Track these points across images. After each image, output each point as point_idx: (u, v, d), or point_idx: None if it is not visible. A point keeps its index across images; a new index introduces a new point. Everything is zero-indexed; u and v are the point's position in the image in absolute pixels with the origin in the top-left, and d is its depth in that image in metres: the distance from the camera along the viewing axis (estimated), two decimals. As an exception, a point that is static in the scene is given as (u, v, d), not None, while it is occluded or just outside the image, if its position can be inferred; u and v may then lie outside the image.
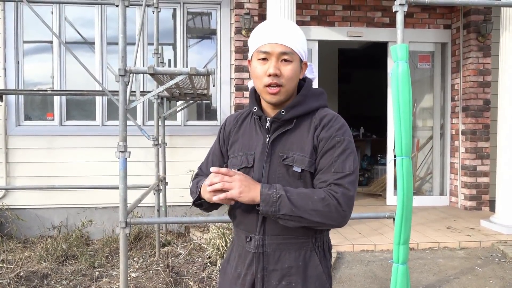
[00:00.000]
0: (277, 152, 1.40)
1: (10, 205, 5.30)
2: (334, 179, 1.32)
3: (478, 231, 4.67)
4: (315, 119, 1.41)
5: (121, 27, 2.83)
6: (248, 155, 1.45)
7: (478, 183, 5.79)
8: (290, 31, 1.39)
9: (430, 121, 6.50)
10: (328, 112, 1.43)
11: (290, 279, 1.39)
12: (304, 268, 1.40)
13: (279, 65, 1.36)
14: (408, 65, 2.80)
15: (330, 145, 1.36)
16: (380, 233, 4.58)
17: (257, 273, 1.41)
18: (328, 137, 1.37)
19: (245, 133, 1.51)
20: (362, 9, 5.96)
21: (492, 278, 3.58)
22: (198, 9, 5.79)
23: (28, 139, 5.35)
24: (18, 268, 4.05)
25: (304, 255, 1.40)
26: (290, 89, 1.40)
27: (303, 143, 1.39)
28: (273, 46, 1.36)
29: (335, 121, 1.39)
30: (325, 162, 1.35)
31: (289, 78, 1.37)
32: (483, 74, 5.78)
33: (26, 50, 5.51)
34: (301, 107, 1.41)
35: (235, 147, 1.51)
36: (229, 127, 1.56)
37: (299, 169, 1.36)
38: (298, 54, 1.39)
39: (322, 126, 1.38)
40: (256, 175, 1.40)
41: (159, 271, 4.01)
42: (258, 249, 1.41)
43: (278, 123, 1.41)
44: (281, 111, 1.40)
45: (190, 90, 4.57)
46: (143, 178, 5.07)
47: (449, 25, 6.18)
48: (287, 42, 1.37)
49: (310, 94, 1.45)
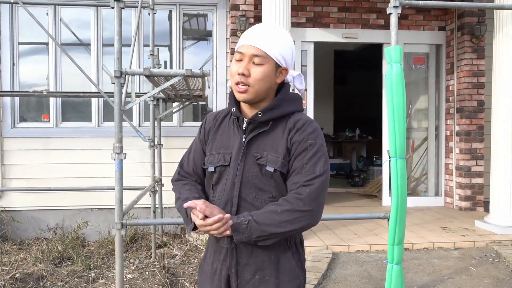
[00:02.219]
0: (252, 152, 1.47)
1: (5, 207, 5.28)
2: (304, 181, 1.40)
3: (472, 232, 4.70)
4: (290, 122, 1.47)
5: (116, 28, 2.84)
6: (225, 154, 1.51)
7: (472, 183, 5.82)
8: (269, 36, 1.44)
9: (425, 122, 6.54)
10: (302, 117, 1.49)
11: (263, 272, 1.45)
12: (276, 261, 1.46)
13: (250, 66, 1.43)
14: (402, 67, 2.83)
15: (302, 148, 1.43)
16: (376, 233, 4.60)
17: (231, 268, 1.48)
18: (300, 140, 1.43)
19: (223, 132, 1.56)
20: (357, 11, 5.99)
21: (486, 277, 3.61)
22: (194, 11, 5.81)
23: (23, 140, 5.34)
24: (13, 270, 4.04)
25: (278, 250, 1.46)
26: (260, 90, 1.45)
27: (277, 145, 1.45)
28: (247, 47, 1.43)
29: (308, 125, 1.46)
30: (297, 164, 1.42)
31: (257, 79, 1.43)
32: (477, 75, 5.82)
33: (22, 51, 5.50)
34: (277, 110, 1.48)
35: (212, 145, 1.57)
36: (209, 125, 1.61)
37: (271, 168, 1.43)
38: (273, 58, 1.44)
39: (296, 130, 1.45)
40: (231, 173, 1.47)
41: (155, 272, 4.01)
42: (231, 245, 1.46)
43: (254, 124, 1.48)
44: (258, 113, 1.47)
45: (186, 92, 4.58)
46: (139, 179, 5.06)
47: (443, 27, 6.22)
48: (261, 46, 1.42)
49: (287, 99, 1.51)
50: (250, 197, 1.45)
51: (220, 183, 1.51)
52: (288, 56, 1.47)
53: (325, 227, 4.80)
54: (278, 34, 1.46)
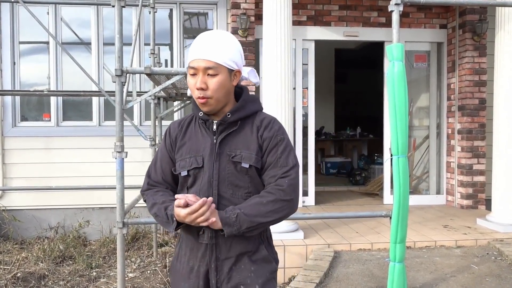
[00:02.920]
0: (225, 151, 1.55)
1: (6, 206, 5.29)
2: (281, 173, 1.52)
3: (474, 230, 4.69)
4: (256, 121, 1.59)
5: (117, 27, 2.83)
6: (196, 157, 1.57)
7: (474, 181, 5.81)
8: (215, 44, 1.48)
9: (427, 120, 6.52)
10: (266, 115, 1.63)
11: (240, 264, 1.55)
12: (252, 253, 1.57)
13: (205, 79, 1.49)
14: (404, 65, 2.82)
15: (273, 143, 1.55)
16: (377, 232, 4.59)
17: (211, 263, 1.55)
18: (270, 136, 1.56)
19: (191, 137, 1.63)
20: (358, 9, 5.97)
21: (488, 276, 3.60)
22: (194, 9, 5.80)
23: (24, 140, 5.34)
24: (15, 269, 4.04)
25: (253, 243, 1.57)
26: (219, 98, 1.53)
27: (248, 142, 1.55)
28: (199, 61, 1.49)
29: (274, 123, 1.60)
30: (272, 159, 1.55)
31: (215, 89, 1.50)
32: (479, 73, 5.81)
33: (22, 50, 5.50)
34: (243, 111, 1.58)
35: (182, 151, 1.62)
36: (175, 133, 1.67)
37: (247, 165, 1.53)
38: (224, 66, 1.50)
39: (264, 127, 1.57)
40: (207, 173, 1.54)
41: (157, 271, 4.01)
42: (212, 240, 1.54)
43: (224, 125, 1.56)
44: (227, 114, 1.55)
45: (187, 90, 4.57)
46: (140, 178, 5.03)
47: (445, 25, 6.20)
48: (211, 57, 1.47)
49: (249, 100, 1.61)
50: (228, 194, 1.53)
51: (195, 184, 1.57)
52: (238, 58, 1.54)
53: (326, 226, 4.79)
54: (224, 40, 1.51)
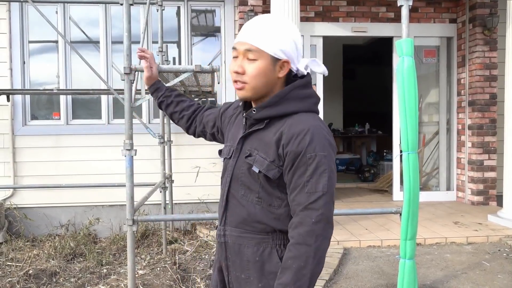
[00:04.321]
0: (245, 149, 1.43)
1: (18, 204, 5.34)
2: (307, 203, 1.28)
3: (485, 226, 4.64)
4: (286, 124, 1.35)
5: (125, 25, 2.84)
6: (231, 147, 1.50)
7: (485, 177, 5.75)
8: (263, 29, 1.35)
9: (436, 116, 6.47)
10: (303, 120, 1.35)
11: (248, 272, 1.42)
12: (261, 263, 1.39)
13: (244, 63, 1.37)
14: (414, 60, 2.79)
15: (301, 162, 1.30)
16: (387, 228, 4.57)
17: (222, 262, 1.51)
18: (298, 152, 1.30)
19: (236, 124, 1.55)
20: (366, 4, 5.93)
21: (501, 273, 3.57)
22: (202, 6, 5.79)
23: (34, 138, 5.38)
24: (27, 266, 4.09)
25: (263, 251, 1.40)
26: (257, 87, 1.37)
27: (268, 146, 1.37)
28: (240, 44, 1.38)
29: (307, 134, 1.30)
30: (298, 181, 1.31)
31: (252, 76, 1.35)
32: (490, 68, 5.74)
33: (32, 50, 5.54)
34: (273, 109, 1.37)
35: (228, 136, 1.57)
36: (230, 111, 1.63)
37: (257, 169, 1.37)
38: (267, 53, 1.34)
39: (291, 137, 1.32)
40: (229, 168, 1.47)
41: (167, 268, 4.03)
42: (221, 239, 1.48)
43: (250, 120, 1.43)
44: (253, 110, 1.40)
45: (195, 88, 4.57)
46: (149, 176, 5.08)
47: (454, 19, 6.13)
48: (253, 41, 1.35)
49: (289, 97, 1.38)
50: (239, 195, 1.43)
51: (223, 175, 1.52)
52: (288, 47, 1.35)
53: (336, 223, 4.78)
54: (274, 25, 1.35)
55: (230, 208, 1.45)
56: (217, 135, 1.75)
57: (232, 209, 1.45)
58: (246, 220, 1.42)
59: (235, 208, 1.44)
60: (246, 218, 1.41)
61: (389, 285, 3.37)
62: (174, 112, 1.86)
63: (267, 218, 1.39)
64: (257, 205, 1.40)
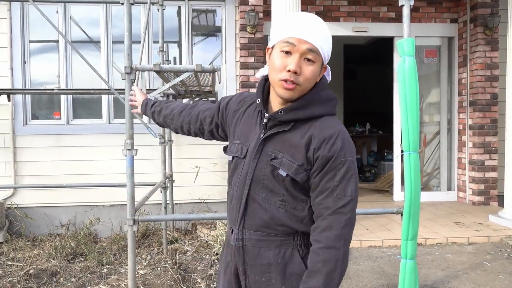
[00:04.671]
0: (267, 150, 1.37)
1: (18, 204, 5.34)
2: (336, 207, 1.30)
3: (486, 226, 4.63)
4: (315, 128, 1.33)
5: (126, 25, 2.83)
6: (243, 146, 1.43)
7: (486, 178, 5.75)
8: (321, 31, 1.31)
9: (437, 116, 6.46)
10: (330, 124, 1.34)
11: (270, 275, 1.39)
12: (284, 265, 1.38)
13: (301, 63, 1.30)
14: (415, 60, 2.78)
15: (332, 166, 1.30)
16: (388, 228, 4.56)
17: (239, 266, 1.45)
18: (329, 157, 1.30)
19: (247, 121, 1.47)
20: (367, 4, 5.92)
21: (502, 273, 3.56)
22: (202, 6, 5.79)
23: (35, 138, 5.38)
24: (27, 266, 4.09)
25: (284, 253, 1.38)
26: (306, 90, 1.34)
27: (295, 149, 1.34)
28: (301, 42, 1.28)
29: (337, 138, 1.31)
30: (327, 185, 1.31)
31: (308, 79, 1.31)
32: (491, 68, 5.73)
33: (33, 49, 5.53)
34: (301, 112, 1.34)
35: (235, 133, 1.50)
36: (234, 106, 1.54)
37: (284, 173, 1.34)
38: (322, 56, 1.33)
39: (322, 141, 1.31)
40: (245, 168, 1.41)
41: (167, 268, 4.03)
42: (238, 243, 1.43)
43: (274, 122, 1.37)
44: (279, 111, 1.34)
45: (196, 88, 4.56)
46: (149, 176, 5.08)
47: (455, 19, 6.13)
48: (316, 42, 1.29)
49: (316, 100, 1.36)
50: (260, 198, 1.38)
51: (235, 175, 1.46)
52: (330, 52, 1.37)
53: (336, 223, 4.77)
54: (326, 29, 1.34)
55: (249, 211, 1.40)
56: (215, 132, 1.66)
57: (252, 212, 1.40)
58: (268, 224, 1.38)
59: (255, 211, 1.39)
60: (269, 222, 1.38)
61: (390, 285, 3.36)
62: (166, 115, 1.79)
63: (290, 221, 1.37)
64: (280, 208, 1.37)
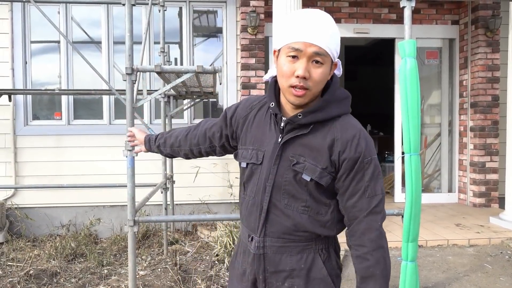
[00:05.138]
0: (287, 155, 1.33)
1: (19, 204, 5.34)
2: (371, 208, 1.30)
3: (487, 228, 4.63)
4: (336, 129, 1.31)
5: (127, 26, 2.83)
6: (258, 151, 1.39)
7: (487, 179, 5.74)
8: (326, 29, 1.26)
9: (438, 117, 6.45)
10: (350, 124, 1.33)
11: (292, 281, 1.37)
12: (307, 270, 1.37)
13: (309, 66, 1.25)
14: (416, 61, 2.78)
15: (359, 167, 1.29)
16: (388, 230, 4.55)
17: (259, 274, 1.41)
18: (355, 158, 1.29)
19: (259, 125, 1.42)
20: (368, 5, 5.92)
21: (503, 275, 3.55)
22: (204, 7, 5.79)
23: (36, 138, 5.39)
24: (27, 267, 4.09)
25: (306, 258, 1.37)
26: (317, 93, 1.31)
27: (317, 152, 1.31)
28: (306, 45, 1.24)
29: (360, 138, 1.30)
30: (357, 186, 1.30)
31: (318, 82, 1.27)
32: (492, 69, 5.72)
33: (34, 50, 5.54)
34: (320, 113, 1.31)
35: (247, 138, 1.44)
36: (243, 112, 1.48)
37: (308, 177, 1.31)
38: (331, 55, 1.28)
39: (346, 143, 1.29)
40: (264, 174, 1.36)
41: (167, 269, 4.02)
42: (259, 251, 1.39)
43: (292, 125, 1.33)
44: (298, 115, 1.30)
45: (197, 89, 4.56)
46: (150, 176, 5.08)
47: (456, 21, 6.12)
48: (322, 43, 1.24)
49: (333, 100, 1.33)
50: (282, 204, 1.34)
51: (251, 181, 1.41)
52: (339, 47, 1.32)
53: (337, 224, 4.77)
54: (333, 25, 1.28)
55: (271, 218, 1.36)
56: (227, 146, 1.59)
57: (274, 219, 1.36)
58: (291, 230, 1.36)
59: (278, 218, 1.36)
60: (292, 228, 1.35)
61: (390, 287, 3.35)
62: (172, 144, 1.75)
63: (314, 226, 1.35)
64: (303, 214, 1.34)
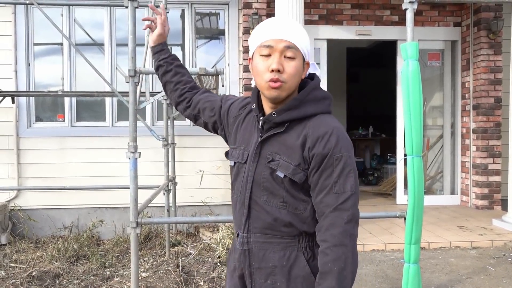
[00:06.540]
0: (265, 153, 1.40)
1: (22, 206, 5.36)
2: (337, 204, 1.30)
3: (490, 230, 4.61)
4: (309, 127, 1.35)
5: (130, 28, 2.85)
6: (244, 151, 1.46)
7: (489, 182, 5.72)
8: (294, 28, 1.36)
9: (440, 119, 6.44)
10: (324, 122, 1.36)
11: (275, 278, 1.40)
12: (289, 268, 1.39)
13: (282, 60, 1.33)
14: (419, 64, 2.78)
15: (328, 163, 1.31)
16: (391, 232, 4.55)
17: (245, 269, 1.46)
18: (324, 154, 1.31)
19: (247, 127, 1.50)
20: (370, 7, 5.92)
21: (506, 278, 3.54)
22: (206, 9, 5.81)
23: (39, 140, 5.40)
24: (30, 268, 4.10)
25: (289, 255, 1.39)
26: (292, 87, 1.36)
27: (291, 150, 1.36)
28: (277, 41, 1.33)
29: (331, 135, 1.33)
30: (326, 182, 1.32)
31: (292, 75, 1.34)
32: (494, 71, 5.72)
33: (37, 52, 5.56)
34: (294, 112, 1.36)
35: (236, 138, 1.52)
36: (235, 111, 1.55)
37: (282, 174, 1.36)
38: (301, 51, 1.36)
39: (316, 139, 1.33)
40: (246, 173, 1.43)
41: (170, 271, 4.03)
42: (243, 246, 1.44)
43: (269, 124, 1.40)
44: (273, 113, 1.37)
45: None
46: (153, 178, 5.09)
47: (459, 23, 6.12)
48: (291, 38, 1.34)
49: (308, 99, 1.38)
50: (262, 200, 1.40)
51: (237, 180, 1.48)
52: (309, 48, 1.41)
53: (339, 226, 4.76)
54: (299, 26, 1.40)
55: (253, 214, 1.42)
56: (210, 126, 1.66)
57: (255, 215, 1.42)
58: (272, 225, 1.40)
59: (259, 214, 1.41)
60: (273, 223, 1.39)
61: (393, 289, 3.35)
62: (170, 81, 1.73)
63: (293, 220, 1.38)
64: (282, 209, 1.38)
